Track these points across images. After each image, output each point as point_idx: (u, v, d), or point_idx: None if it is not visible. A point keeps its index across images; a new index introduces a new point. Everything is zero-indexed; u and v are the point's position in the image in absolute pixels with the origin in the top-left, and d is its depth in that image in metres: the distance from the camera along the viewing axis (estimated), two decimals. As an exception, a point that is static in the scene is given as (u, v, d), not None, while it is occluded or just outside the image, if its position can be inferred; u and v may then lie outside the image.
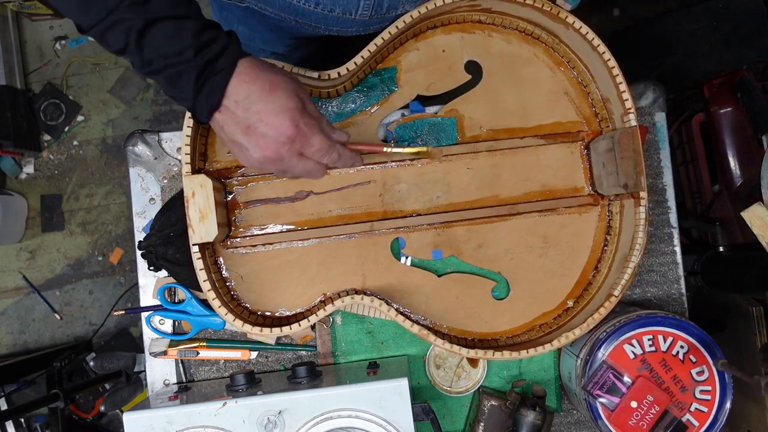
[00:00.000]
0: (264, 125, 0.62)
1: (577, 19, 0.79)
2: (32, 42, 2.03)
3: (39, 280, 1.97)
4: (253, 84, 0.61)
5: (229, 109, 0.61)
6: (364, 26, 0.82)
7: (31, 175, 2.00)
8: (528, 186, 0.87)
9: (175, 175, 0.93)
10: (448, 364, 0.91)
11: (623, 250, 0.83)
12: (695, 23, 1.43)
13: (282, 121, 0.62)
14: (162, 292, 0.90)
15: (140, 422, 0.74)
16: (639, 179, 0.76)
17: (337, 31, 0.83)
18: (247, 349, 0.91)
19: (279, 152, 0.64)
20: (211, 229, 0.75)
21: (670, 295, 0.93)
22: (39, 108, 2.00)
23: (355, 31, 0.83)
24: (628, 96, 0.79)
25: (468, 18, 0.86)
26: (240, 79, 0.60)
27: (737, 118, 1.33)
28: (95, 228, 1.99)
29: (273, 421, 0.73)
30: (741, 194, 1.31)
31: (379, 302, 0.80)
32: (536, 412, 0.82)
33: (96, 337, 1.87)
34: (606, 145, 0.82)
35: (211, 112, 0.62)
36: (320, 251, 0.85)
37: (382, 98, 0.86)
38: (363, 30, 0.83)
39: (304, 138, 0.64)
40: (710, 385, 0.80)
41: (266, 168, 0.66)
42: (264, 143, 0.63)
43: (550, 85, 0.87)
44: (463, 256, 0.86)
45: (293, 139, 0.63)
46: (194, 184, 0.75)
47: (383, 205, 0.86)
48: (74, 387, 1.34)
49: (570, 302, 0.86)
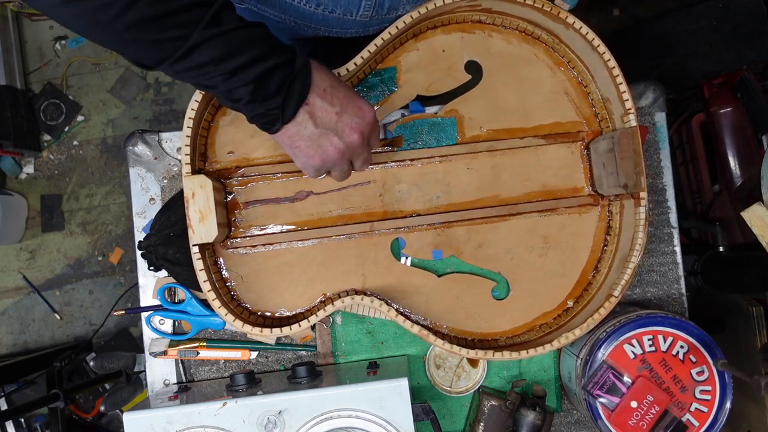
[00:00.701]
0: (352, 114, 0.66)
1: (577, 19, 0.79)
2: (32, 42, 2.03)
3: (39, 280, 1.97)
4: (328, 75, 0.65)
5: (317, 99, 0.64)
6: (364, 27, 0.82)
7: (31, 175, 2.00)
8: (528, 186, 0.87)
9: (175, 175, 0.93)
10: (448, 364, 0.91)
11: (623, 250, 0.83)
12: (695, 23, 1.43)
13: (366, 105, 0.68)
14: (162, 292, 0.90)
15: (140, 422, 0.74)
16: (639, 179, 0.76)
17: (337, 32, 0.83)
18: (247, 349, 0.91)
19: (363, 133, 0.68)
20: (211, 230, 0.75)
21: (670, 295, 0.93)
22: (39, 108, 2.00)
23: (355, 32, 0.83)
24: (628, 96, 0.79)
25: (468, 18, 0.86)
26: (318, 71, 0.64)
27: (737, 118, 1.33)
28: (95, 228, 1.99)
29: (273, 421, 0.73)
30: (741, 194, 1.31)
31: (379, 302, 0.80)
32: (536, 412, 0.82)
33: (96, 337, 1.87)
34: (606, 146, 0.82)
35: (297, 108, 0.63)
36: (320, 251, 0.85)
37: (382, 98, 0.86)
38: (363, 31, 0.83)
39: (359, 149, 0.70)
40: (710, 385, 0.80)
41: (333, 163, 0.70)
42: (354, 125, 0.67)
43: (551, 85, 0.87)
44: (463, 257, 0.86)
45: (372, 124, 0.69)
46: (194, 185, 0.75)
47: (383, 205, 0.86)
48: (74, 387, 1.34)
49: (570, 302, 0.86)
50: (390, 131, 0.87)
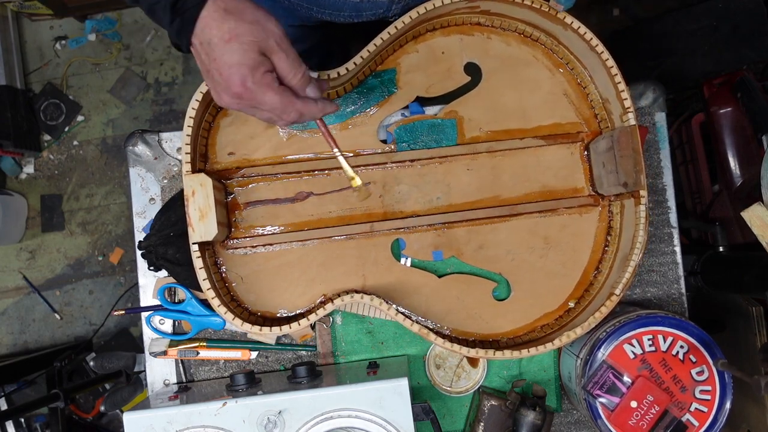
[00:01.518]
0: (218, 75, 0.62)
1: (575, 20, 0.79)
2: (32, 42, 2.03)
3: (39, 280, 1.97)
4: (216, 30, 0.61)
5: (196, 48, 0.62)
6: (356, 10, 0.81)
7: (31, 175, 2.00)
8: (528, 187, 0.87)
9: (175, 175, 0.93)
10: (448, 364, 0.91)
11: (624, 249, 0.83)
12: (695, 23, 1.43)
13: (231, 77, 0.62)
14: (162, 292, 0.90)
15: (140, 422, 0.74)
16: (639, 178, 0.76)
17: (330, 14, 0.82)
18: (247, 349, 0.91)
19: (230, 104, 0.64)
20: (210, 228, 0.75)
21: (670, 295, 0.94)
22: (39, 108, 2.00)
23: (348, 15, 0.82)
24: (627, 95, 0.79)
25: (467, 20, 0.86)
26: (204, 22, 0.61)
27: (737, 118, 1.33)
28: (95, 228, 1.99)
29: (273, 421, 0.73)
30: (741, 194, 1.31)
31: (379, 301, 0.80)
32: (536, 412, 0.82)
33: (96, 337, 1.87)
34: (605, 145, 0.82)
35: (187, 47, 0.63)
36: (320, 252, 0.85)
37: (381, 100, 0.86)
38: (356, 15, 0.82)
39: (252, 96, 0.63)
40: (710, 385, 0.80)
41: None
42: (219, 90, 0.64)
43: (550, 86, 0.87)
44: (464, 257, 0.86)
45: (241, 96, 0.63)
46: (194, 183, 0.75)
47: (383, 206, 0.86)
48: (74, 387, 1.34)
49: (571, 303, 0.86)
50: (390, 133, 0.87)
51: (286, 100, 0.65)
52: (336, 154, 0.74)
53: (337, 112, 0.86)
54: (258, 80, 0.62)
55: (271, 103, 0.64)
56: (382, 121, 0.87)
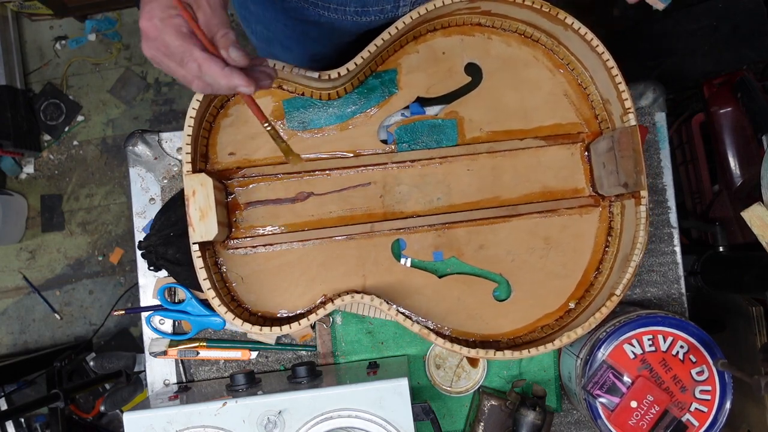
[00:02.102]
0: (141, 22, 0.61)
1: (576, 20, 0.79)
2: (32, 42, 2.03)
3: (39, 280, 1.97)
4: None
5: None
6: (361, 4, 0.81)
7: (31, 175, 2.00)
8: (529, 187, 0.87)
9: (175, 175, 0.93)
10: (448, 364, 0.91)
11: (625, 250, 0.83)
12: (695, 23, 1.43)
13: (143, 13, 0.60)
14: (162, 292, 0.90)
15: (140, 422, 0.74)
16: (639, 178, 0.76)
17: (335, 10, 0.82)
18: (247, 349, 0.91)
19: (144, 49, 0.62)
20: (211, 228, 0.75)
21: (670, 295, 0.94)
22: (39, 108, 2.00)
23: (353, 11, 0.82)
24: (627, 96, 0.79)
25: (468, 21, 0.86)
26: None
27: (737, 118, 1.33)
28: (95, 228, 1.99)
29: (273, 421, 0.73)
30: (741, 194, 1.31)
31: (379, 301, 0.80)
32: (536, 412, 0.82)
33: (96, 337, 1.87)
34: (606, 145, 0.82)
35: None
36: (321, 252, 0.85)
37: (382, 100, 0.86)
38: (362, 11, 0.82)
39: (158, 35, 0.60)
40: (710, 385, 0.80)
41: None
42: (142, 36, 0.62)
43: (550, 87, 0.87)
44: (464, 258, 0.86)
45: (147, 34, 0.61)
46: (195, 183, 0.75)
47: (384, 206, 0.86)
48: (74, 387, 1.34)
49: (572, 304, 0.86)
50: (390, 133, 0.87)
51: (186, 46, 0.60)
52: (266, 128, 0.69)
53: (337, 113, 0.86)
54: (164, 18, 0.60)
55: (172, 47, 0.60)
56: (383, 122, 0.87)
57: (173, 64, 0.62)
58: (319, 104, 0.85)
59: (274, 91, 0.85)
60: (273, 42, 0.96)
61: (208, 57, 0.61)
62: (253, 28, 0.96)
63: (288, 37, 0.94)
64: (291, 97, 0.85)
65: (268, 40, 0.95)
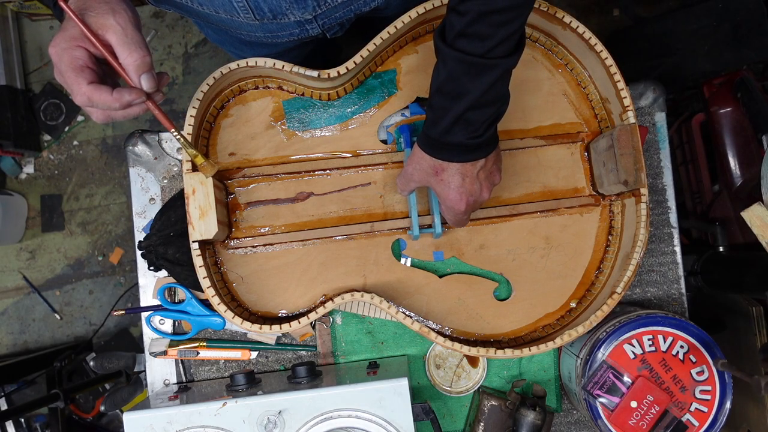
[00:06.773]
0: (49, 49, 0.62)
1: (574, 19, 0.80)
2: (32, 42, 2.03)
3: (39, 280, 1.97)
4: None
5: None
6: (267, 31, 0.80)
7: (31, 175, 2.00)
8: (529, 187, 0.87)
9: (175, 175, 0.93)
10: (448, 364, 0.91)
11: (625, 249, 0.83)
12: (695, 23, 1.43)
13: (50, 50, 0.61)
14: (162, 292, 0.90)
15: (140, 422, 0.74)
16: (639, 175, 0.76)
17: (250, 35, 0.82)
18: (247, 349, 0.91)
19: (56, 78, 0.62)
20: (210, 226, 0.75)
21: (670, 295, 0.94)
22: (39, 108, 2.00)
23: (264, 36, 0.82)
24: (626, 94, 0.79)
25: (468, 19, 0.86)
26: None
27: (737, 118, 1.33)
28: (95, 228, 1.99)
29: (273, 421, 0.73)
30: (741, 194, 1.31)
31: (379, 299, 0.80)
32: (536, 412, 0.82)
33: (96, 337, 1.87)
34: (605, 144, 0.82)
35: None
36: (321, 252, 0.85)
37: (381, 100, 0.86)
38: (271, 36, 0.82)
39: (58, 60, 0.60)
40: (710, 385, 0.80)
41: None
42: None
43: (549, 86, 0.87)
44: (465, 257, 0.86)
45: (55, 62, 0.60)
46: (194, 181, 0.75)
47: (384, 206, 0.86)
48: (74, 387, 1.34)
49: (573, 303, 0.86)
50: (390, 133, 0.87)
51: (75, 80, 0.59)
52: (174, 135, 0.70)
53: (337, 113, 0.86)
54: (65, 48, 0.59)
55: (66, 77, 0.60)
56: (383, 122, 0.87)
57: (71, 92, 0.61)
58: (319, 104, 0.85)
59: (274, 91, 0.85)
60: (225, 44, 0.96)
61: (94, 88, 0.60)
62: (206, 31, 0.97)
63: (230, 43, 0.95)
64: (291, 98, 0.85)
65: (221, 43, 0.97)
